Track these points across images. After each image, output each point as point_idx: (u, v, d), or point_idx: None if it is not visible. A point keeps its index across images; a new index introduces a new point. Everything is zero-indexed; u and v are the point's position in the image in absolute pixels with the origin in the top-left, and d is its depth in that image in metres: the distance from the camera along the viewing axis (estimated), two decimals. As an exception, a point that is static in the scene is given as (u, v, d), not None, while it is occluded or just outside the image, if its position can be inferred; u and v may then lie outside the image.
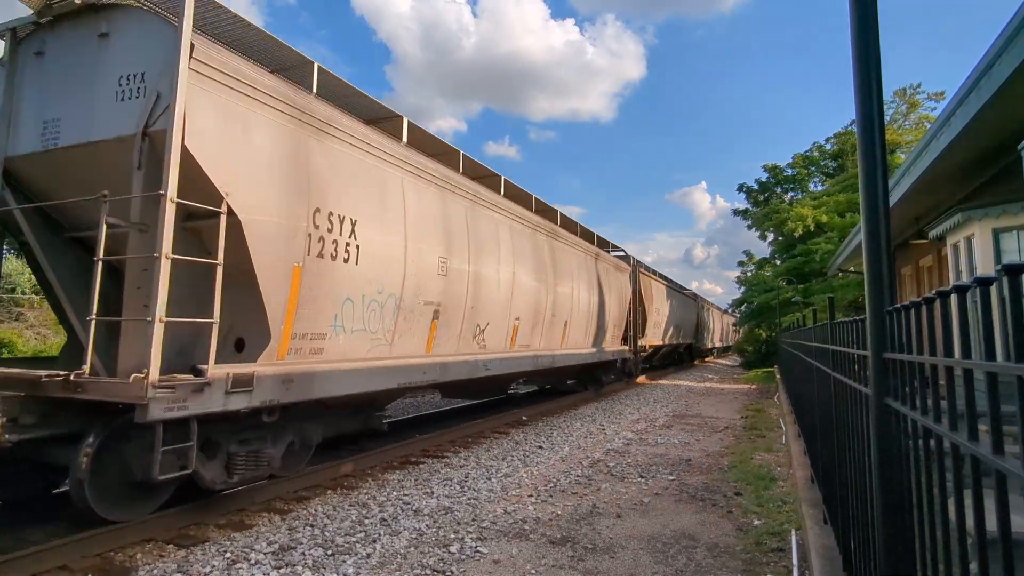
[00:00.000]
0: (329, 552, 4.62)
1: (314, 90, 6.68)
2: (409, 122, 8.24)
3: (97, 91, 5.07)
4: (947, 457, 1.61)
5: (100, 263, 4.59)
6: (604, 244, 17.63)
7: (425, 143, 8.90)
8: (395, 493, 6.27)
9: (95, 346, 4.62)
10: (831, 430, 4.17)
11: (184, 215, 4.92)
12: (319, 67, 6.79)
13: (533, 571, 4.31)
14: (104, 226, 4.60)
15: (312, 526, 5.22)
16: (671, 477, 7.16)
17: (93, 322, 4.55)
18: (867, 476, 2.65)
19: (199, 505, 5.34)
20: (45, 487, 5.53)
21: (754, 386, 21.03)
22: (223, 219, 4.83)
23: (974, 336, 1.46)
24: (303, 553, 4.58)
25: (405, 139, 8.13)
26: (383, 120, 8.07)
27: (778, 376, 18.38)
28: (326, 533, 5.04)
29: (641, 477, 7.14)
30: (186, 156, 4.61)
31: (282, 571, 4.23)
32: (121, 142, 4.85)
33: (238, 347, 5.49)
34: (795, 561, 4.33)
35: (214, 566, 4.31)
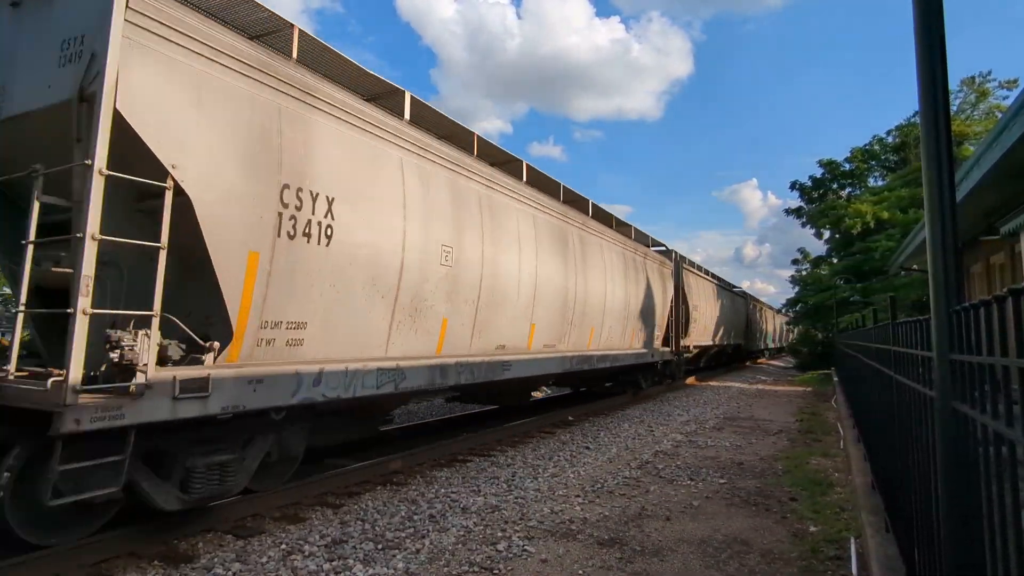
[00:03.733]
0: (379, 547, 4.71)
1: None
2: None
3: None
4: (1021, 465, 1.53)
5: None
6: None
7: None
8: (443, 490, 6.34)
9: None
10: (893, 434, 4.01)
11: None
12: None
13: (581, 571, 4.29)
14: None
15: (363, 521, 5.34)
16: (722, 480, 7.00)
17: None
18: (932, 483, 2.53)
19: (254, 497, 5.53)
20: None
21: (809, 388, 20.36)
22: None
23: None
24: (354, 547, 4.69)
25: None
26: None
27: (835, 378, 17.73)
28: (376, 528, 5.15)
29: (691, 480, 7.01)
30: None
31: (334, 563, 4.35)
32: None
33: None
34: (855, 571, 4.17)
35: (270, 556, 4.46)
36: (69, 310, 3.80)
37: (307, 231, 5.39)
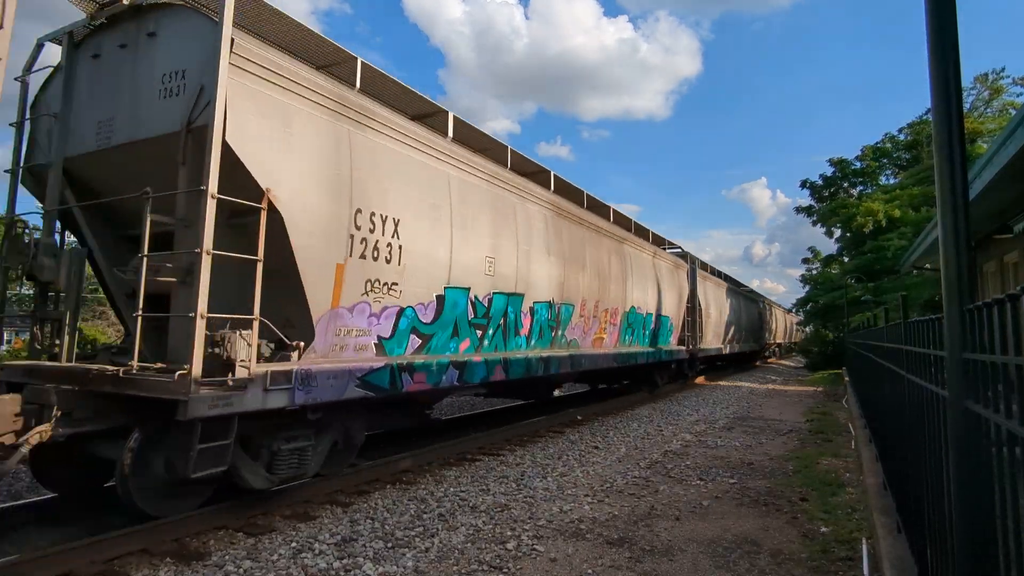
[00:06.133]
0: (389, 545, 4.73)
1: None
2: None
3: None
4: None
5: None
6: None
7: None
8: (452, 489, 6.36)
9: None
10: (905, 435, 3.97)
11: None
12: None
13: (590, 571, 4.29)
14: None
15: (372, 519, 5.36)
16: (732, 480, 6.97)
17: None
18: (944, 483, 2.51)
19: (265, 495, 5.56)
20: (97, 481, 5.67)
21: (820, 388, 20.21)
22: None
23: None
24: (364, 545, 4.71)
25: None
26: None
27: (846, 378, 17.60)
28: (386, 526, 5.17)
29: (700, 480, 6.98)
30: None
31: (344, 562, 4.37)
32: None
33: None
34: (866, 572, 4.15)
35: (281, 554, 4.49)
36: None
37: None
